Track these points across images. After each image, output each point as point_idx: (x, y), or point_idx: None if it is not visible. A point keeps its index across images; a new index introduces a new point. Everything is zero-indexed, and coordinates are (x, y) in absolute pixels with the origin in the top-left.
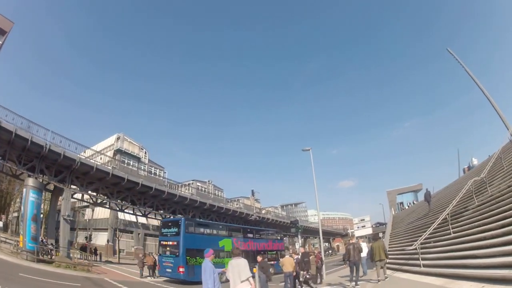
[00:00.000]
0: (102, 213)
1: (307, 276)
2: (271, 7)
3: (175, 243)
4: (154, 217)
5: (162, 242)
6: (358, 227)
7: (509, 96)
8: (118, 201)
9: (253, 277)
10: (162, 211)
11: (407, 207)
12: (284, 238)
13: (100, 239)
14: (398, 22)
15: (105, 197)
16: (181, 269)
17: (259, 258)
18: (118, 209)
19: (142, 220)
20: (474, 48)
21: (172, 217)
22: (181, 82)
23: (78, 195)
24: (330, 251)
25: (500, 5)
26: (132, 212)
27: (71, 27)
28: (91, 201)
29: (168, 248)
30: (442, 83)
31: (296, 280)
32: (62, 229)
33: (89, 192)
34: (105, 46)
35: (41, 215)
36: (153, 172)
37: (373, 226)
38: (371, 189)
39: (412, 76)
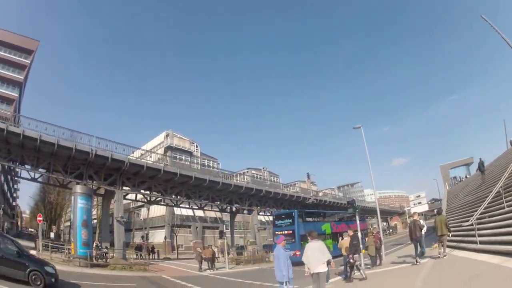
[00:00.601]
0: (157, 211)
1: (351, 261)
2: None
3: (290, 232)
4: (210, 209)
5: (277, 232)
6: (414, 204)
7: None
8: (173, 196)
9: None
10: (218, 202)
11: (459, 182)
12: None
13: (158, 237)
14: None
15: (159, 194)
16: (298, 253)
17: None
18: (173, 204)
19: (199, 213)
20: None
21: (228, 207)
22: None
23: (132, 196)
24: (390, 230)
25: None
26: (188, 206)
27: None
28: (145, 200)
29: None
30: (477, 54)
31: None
32: (116, 231)
33: (142, 191)
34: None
35: (94, 220)
36: (206, 164)
37: (429, 202)
38: (424, 165)
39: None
